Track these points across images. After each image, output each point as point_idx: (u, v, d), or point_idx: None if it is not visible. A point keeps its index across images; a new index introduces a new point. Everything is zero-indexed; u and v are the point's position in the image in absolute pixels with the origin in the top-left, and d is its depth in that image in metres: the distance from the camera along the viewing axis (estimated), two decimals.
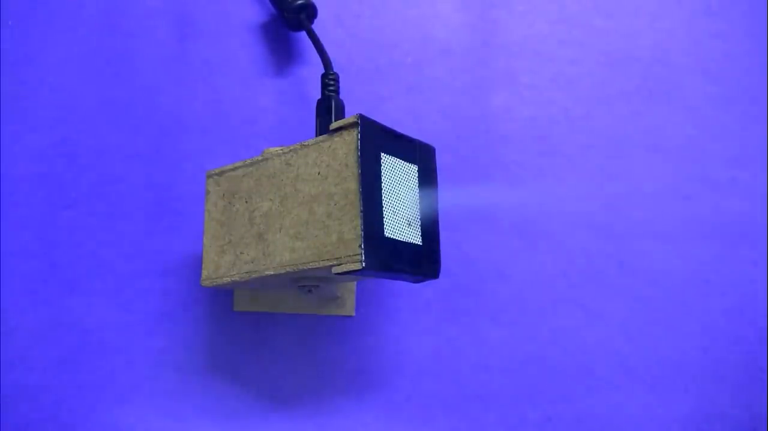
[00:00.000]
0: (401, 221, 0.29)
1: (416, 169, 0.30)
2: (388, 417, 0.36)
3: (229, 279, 0.31)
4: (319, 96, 0.33)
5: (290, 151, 0.30)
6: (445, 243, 0.32)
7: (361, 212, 0.27)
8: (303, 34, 0.39)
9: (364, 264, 0.26)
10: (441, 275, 0.30)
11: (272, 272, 0.30)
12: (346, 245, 0.27)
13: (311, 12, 0.38)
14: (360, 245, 0.27)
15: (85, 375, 0.36)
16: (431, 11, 0.40)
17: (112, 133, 0.38)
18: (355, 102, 0.37)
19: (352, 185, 0.27)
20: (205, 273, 0.32)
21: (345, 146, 0.28)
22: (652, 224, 0.39)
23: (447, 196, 0.35)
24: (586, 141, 0.39)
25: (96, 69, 0.39)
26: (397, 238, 0.28)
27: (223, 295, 0.37)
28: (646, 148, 0.39)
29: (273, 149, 0.31)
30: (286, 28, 0.39)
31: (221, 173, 0.33)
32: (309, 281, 0.31)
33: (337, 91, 0.34)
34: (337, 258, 0.27)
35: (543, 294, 0.38)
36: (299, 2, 0.37)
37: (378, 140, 0.28)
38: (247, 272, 0.31)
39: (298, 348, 0.36)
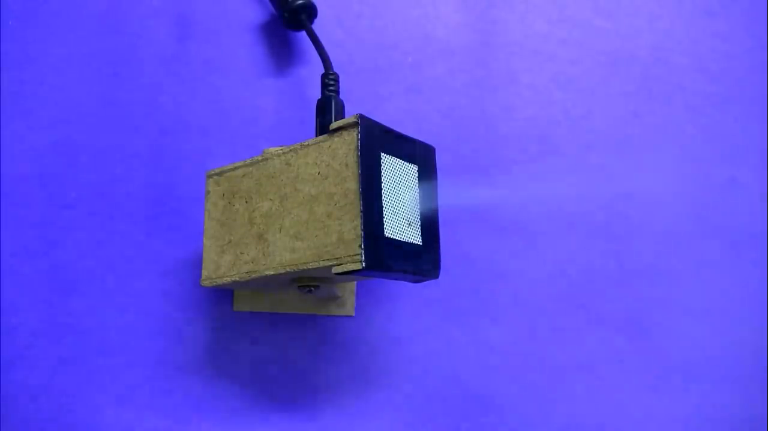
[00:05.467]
0: (401, 221, 0.29)
1: (416, 169, 0.30)
2: (388, 417, 0.36)
3: (229, 279, 0.31)
4: (319, 96, 0.33)
5: (290, 151, 0.30)
6: (445, 243, 0.32)
7: (361, 212, 0.27)
8: (303, 34, 0.39)
9: (364, 264, 0.26)
10: (441, 275, 0.30)
11: (272, 272, 0.30)
12: (346, 245, 0.27)
13: (311, 12, 0.38)
14: (360, 245, 0.27)
15: (85, 375, 0.36)
16: (431, 11, 0.40)
17: (112, 133, 0.38)
18: (355, 102, 0.37)
19: (352, 185, 0.27)
20: (205, 273, 0.32)
21: (345, 146, 0.28)
22: (652, 224, 0.39)
23: (447, 196, 0.35)
24: (586, 141, 0.39)
25: (96, 69, 0.39)
26: (397, 238, 0.28)
27: (223, 295, 0.37)
28: (646, 148, 0.39)
29: (273, 149, 0.31)
30: (286, 28, 0.39)
31: (221, 173, 0.33)
32: (309, 281, 0.31)
33: (337, 92, 0.33)
34: (337, 258, 0.27)
35: (543, 294, 0.38)
36: (299, 2, 0.37)
37: (378, 140, 0.28)
38: (247, 272, 0.31)
39: (298, 348, 0.36)
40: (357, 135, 0.28)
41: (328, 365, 0.36)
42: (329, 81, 0.34)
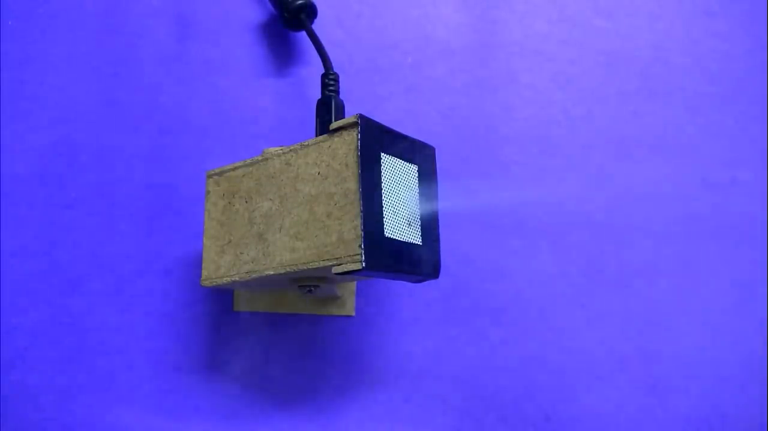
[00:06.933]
0: (401, 221, 0.29)
1: (416, 169, 0.30)
2: (388, 417, 0.36)
3: (229, 279, 0.31)
4: (319, 96, 0.33)
5: (290, 151, 0.30)
6: (445, 243, 0.32)
7: (361, 212, 0.27)
8: (303, 34, 0.39)
9: (364, 264, 0.26)
10: (441, 275, 0.30)
11: (272, 272, 0.30)
12: (346, 245, 0.27)
13: (311, 12, 0.38)
14: (360, 245, 0.27)
15: (85, 375, 0.36)
16: (431, 11, 0.40)
17: (112, 133, 0.38)
18: (355, 102, 0.37)
19: (352, 185, 0.27)
20: (205, 273, 0.32)
21: (345, 145, 0.28)
22: (652, 224, 0.39)
23: (447, 196, 0.35)
24: (586, 141, 0.39)
25: (96, 69, 0.39)
26: (397, 238, 0.28)
27: (223, 295, 0.37)
28: (646, 148, 0.39)
29: (273, 149, 0.31)
30: (286, 28, 0.39)
31: (221, 173, 0.33)
32: (309, 281, 0.31)
33: (337, 91, 0.34)
34: (337, 258, 0.27)
35: (543, 294, 0.38)
36: (299, 2, 0.37)
37: (378, 140, 0.28)
38: (247, 272, 0.31)
39: (298, 348, 0.36)
40: (357, 135, 0.28)
41: (328, 365, 0.36)
42: (329, 81, 0.34)
